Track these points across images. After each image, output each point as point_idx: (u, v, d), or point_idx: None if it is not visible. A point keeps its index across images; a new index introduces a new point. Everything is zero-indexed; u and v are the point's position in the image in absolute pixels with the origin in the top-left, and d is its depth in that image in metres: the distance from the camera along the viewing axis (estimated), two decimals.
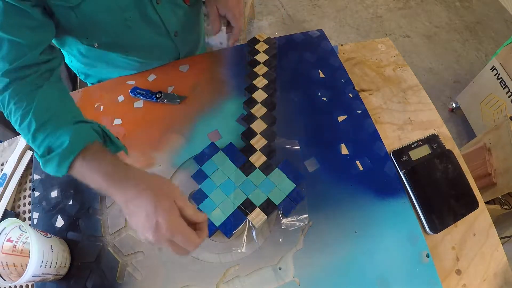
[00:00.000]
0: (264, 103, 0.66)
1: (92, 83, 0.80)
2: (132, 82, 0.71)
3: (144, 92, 0.69)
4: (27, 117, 0.45)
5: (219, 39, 0.70)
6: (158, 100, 0.67)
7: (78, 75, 0.79)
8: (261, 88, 0.68)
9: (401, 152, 0.62)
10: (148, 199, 0.40)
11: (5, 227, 0.49)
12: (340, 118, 0.65)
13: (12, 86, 0.46)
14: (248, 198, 0.57)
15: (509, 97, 1.32)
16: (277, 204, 0.56)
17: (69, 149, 0.42)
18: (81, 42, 0.61)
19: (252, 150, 0.61)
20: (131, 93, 0.69)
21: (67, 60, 0.76)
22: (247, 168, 0.59)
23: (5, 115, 0.48)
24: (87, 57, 0.67)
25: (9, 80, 0.46)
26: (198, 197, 0.57)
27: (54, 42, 0.64)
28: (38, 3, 0.48)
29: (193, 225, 0.43)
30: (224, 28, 0.68)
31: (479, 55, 1.92)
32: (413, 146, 0.63)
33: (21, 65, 0.46)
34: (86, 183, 0.44)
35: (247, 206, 0.56)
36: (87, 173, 0.43)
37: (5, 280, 0.46)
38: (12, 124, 0.47)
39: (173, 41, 0.70)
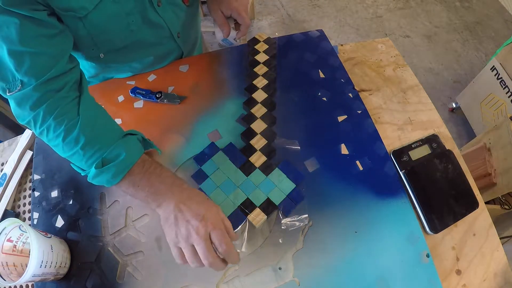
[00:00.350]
0: (264, 103, 0.66)
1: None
2: (132, 82, 0.71)
3: (144, 92, 0.69)
4: (73, 131, 0.46)
5: (231, 38, 0.71)
6: (158, 100, 0.67)
7: None
8: (261, 88, 0.68)
9: (401, 152, 0.62)
10: (199, 199, 0.46)
11: (5, 227, 0.49)
12: (340, 118, 0.65)
13: (47, 101, 0.46)
14: (248, 198, 0.57)
15: (509, 97, 1.32)
16: (277, 204, 0.56)
17: (126, 161, 0.46)
18: (87, 53, 0.61)
19: (252, 150, 0.61)
20: (131, 93, 0.69)
21: None
22: (247, 168, 0.59)
23: (37, 132, 0.48)
24: (92, 66, 0.68)
25: (40, 94, 0.45)
26: None
27: None
28: (53, 12, 0.48)
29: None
30: (233, 27, 0.69)
31: (479, 55, 1.92)
32: (413, 146, 0.63)
33: (51, 77, 0.46)
34: (135, 194, 0.48)
35: (247, 206, 0.56)
36: (142, 183, 0.47)
37: (5, 280, 0.46)
38: (49, 141, 0.48)
39: (176, 42, 0.70)
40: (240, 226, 0.55)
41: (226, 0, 0.66)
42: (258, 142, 0.62)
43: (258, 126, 0.64)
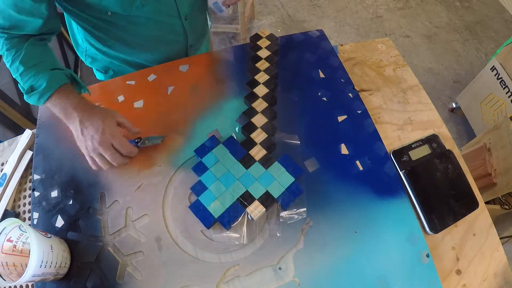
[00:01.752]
0: (265, 98, 0.67)
1: (97, 70, 0.81)
2: (132, 82, 0.71)
3: None
4: (16, 61, 0.57)
5: (220, 1, 0.69)
6: (139, 145, 0.61)
7: (84, 60, 0.80)
8: (262, 83, 0.68)
9: (401, 152, 0.62)
10: (97, 116, 0.56)
11: (5, 227, 0.49)
12: (340, 118, 0.65)
13: (6, 39, 0.57)
14: (247, 190, 0.57)
15: (509, 97, 1.32)
16: (276, 197, 0.56)
17: (45, 89, 0.56)
18: (95, 11, 0.62)
19: (252, 143, 0.62)
20: None
21: (77, 37, 0.77)
22: (247, 161, 0.60)
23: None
24: (98, 29, 0.68)
25: (5, 36, 0.57)
26: (198, 189, 0.58)
27: (67, 12, 0.66)
28: None
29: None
30: None
31: (479, 55, 1.92)
32: (413, 146, 0.63)
33: (16, 34, 0.57)
34: (58, 114, 0.58)
35: (246, 199, 0.56)
36: (59, 106, 0.57)
37: (5, 280, 0.46)
38: (6, 64, 0.59)
39: (183, 25, 0.71)
40: (239, 219, 0.55)
41: None
42: (259, 136, 0.62)
43: (259, 120, 0.64)
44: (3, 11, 0.54)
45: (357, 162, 0.61)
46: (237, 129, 0.65)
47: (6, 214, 0.61)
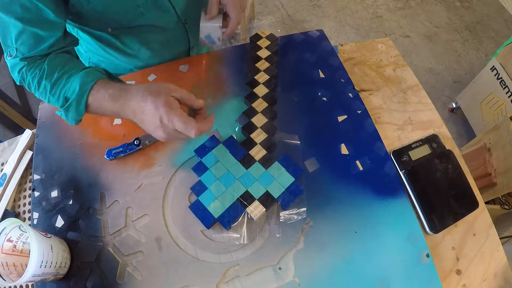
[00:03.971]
0: (265, 98, 0.67)
1: None
2: (132, 82, 0.71)
3: (121, 149, 0.62)
4: (41, 82, 0.52)
5: (211, 30, 0.62)
6: (141, 147, 0.62)
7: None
8: (262, 83, 0.68)
9: (401, 152, 0.62)
10: (148, 102, 0.47)
11: (5, 227, 0.49)
12: (340, 118, 0.65)
13: (27, 67, 0.54)
14: (247, 190, 0.57)
15: (509, 97, 1.32)
16: (276, 197, 0.56)
17: (81, 91, 0.49)
18: (95, 26, 0.62)
19: (252, 143, 0.62)
20: (107, 157, 0.61)
21: (79, 48, 0.77)
22: (247, 161, 0.60)
23: (28, 88, 0.56)
24: (100, 41, 0.68)
25: (26, 62, 0.53)
26: (198, 189, 0.58)
27: (69, 27, 0.66)
28: None
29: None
30: (220, 17, 0.61)
31: (479, 55, 1.92)
32: (413, 146, 0.63)
33: (37, 54, 0.53)
34: (104, 114, 0.52)
35: (246, 199, 0.56)
36: (101, 105, 0.50)
37: (5, 280, 0.46)
38: (35, 93, 0.55)
39: (184, 27, 0.71)
40: (239, 219, 0.55)
41: None
42: (259, 136, 0.62)
43: (259, 120, 0.64)
44: (22, 33, 0.50)
45: (357, 162, 0.61)
46: (237, 129, 0.64)
47: (6, 214, 0.61)
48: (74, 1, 0.54)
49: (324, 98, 0.68)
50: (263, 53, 0.73)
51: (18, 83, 0.57)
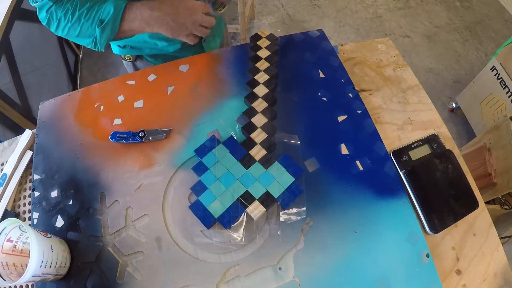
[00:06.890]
0: (265, 98, 0.67)
1: (119, 46, 0.82)
2: (132, 82, 0.71)
3: (125, 135, 0.63)
4: (75, 13, 0.58)
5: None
6: (143, 140, 0.63)
7: None
8: (262, 83, 0.68)
9: (401, 152, 0.62)
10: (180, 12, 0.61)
11: (5, 227, 0.49)
12: (340, 118, 0.65)
13: (56, 5, 0.58)
14: (247, 190, 0.57)
15: (509, 97, 1.33)
16: (276, 197, 0.56)
17: (116, 11, 0.58)
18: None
19: (252, 143, 0.62)
20: (111, 139, 0.63)
21: None
22: (247, 161, 0.60)
23: (53, 28, 0.61)
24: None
25: (52, 2, 0.58)
26: (198, 189, 0.58)
27: None
28: None
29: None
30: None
31: (479, 55, 1.92)
32: (413, 146, 0.63)
33: None
34: (135, 28, 0.61)
35: (246, 199, 0.56)
36: (135, 16, 0.59)
37: (5, 280, 0.46)
38: (64, 28, 0.60)
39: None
40: (239, 219, 0.55)
41: None
42: (259, 136, 0.62)
43: (259, 120, 0.64)
44: None
45: (357, 162, 0.61)
46: (237, 129, 0.65)
47: (6, 214, 0.61)
48: None
49: (324, 98, 0.68)
50: (263, 53, 0.73)
51: (44, 24, 0.61)
